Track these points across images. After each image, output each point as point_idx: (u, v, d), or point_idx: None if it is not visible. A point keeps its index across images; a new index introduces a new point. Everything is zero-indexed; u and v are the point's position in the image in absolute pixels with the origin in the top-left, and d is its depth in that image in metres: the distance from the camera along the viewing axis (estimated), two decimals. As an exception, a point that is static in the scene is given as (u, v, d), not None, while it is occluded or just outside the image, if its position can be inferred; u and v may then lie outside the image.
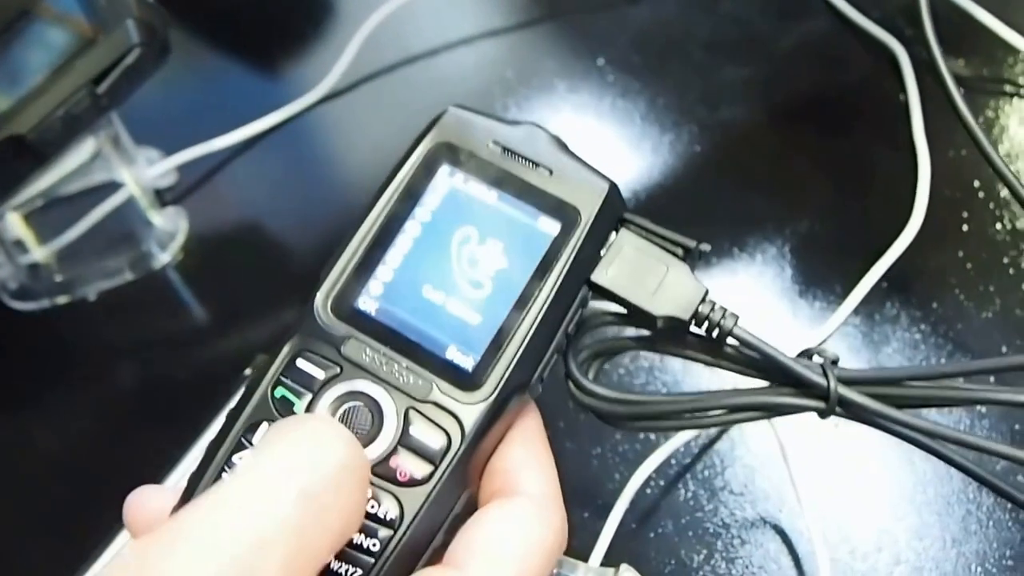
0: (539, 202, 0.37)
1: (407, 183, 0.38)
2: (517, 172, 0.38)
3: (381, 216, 0.38)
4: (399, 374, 0.35)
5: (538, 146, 0.38)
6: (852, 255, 0.64)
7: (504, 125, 0.39)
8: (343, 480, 0.30)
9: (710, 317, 0.37)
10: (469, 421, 0.35)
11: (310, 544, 0.28)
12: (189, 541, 0.27)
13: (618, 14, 0.80)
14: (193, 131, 0.73)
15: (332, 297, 0.37)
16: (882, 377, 0.38)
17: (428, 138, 0.39)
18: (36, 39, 0.62)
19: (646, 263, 0.38)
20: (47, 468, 0.63)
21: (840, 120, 0.72)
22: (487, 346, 0.36)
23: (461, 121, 0.39)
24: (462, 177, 0.38)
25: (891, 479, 0.56)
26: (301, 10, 0.84)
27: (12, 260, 0.68)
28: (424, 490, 0.34)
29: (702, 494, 0.56)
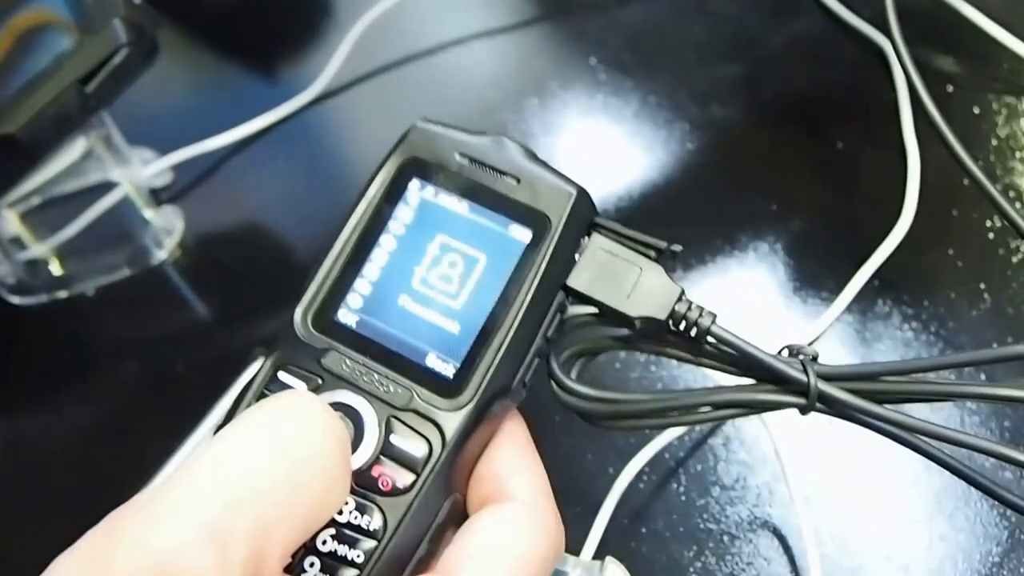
0: (509, 210, 0.38)
1: (379, 199, 0.39)
2: (485, 182, 0.38)
3: (356, 231, 0.38)
4: (379, 384, 0.36)
5: (505, 155, 0.39)
6: (844, 253, 0.64)
7: (471, 136, 0.39)
8: (323, 444, 0.30)
9: (687, 316, 0.37)
10: (450, 428, 0.35)
11: (286, 507, 0.28)
12: (162, 503, 0.27)
13: (610, 13, 0.80)
14: (189, 131, 0.74)
15: (312, 311, 0.38)
16: (861, 372, 0.38)
17: (396, 153, 0.39)
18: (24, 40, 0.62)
19: (619, 266, 0.38)
20: (44, 462, 0.63)
21: (831, 118, 0.72)
22: (466, 353, 0.36)
23: (428, 135, 0.40)
24: (432, 190, 0.39)
25: (881, 476, 0.56)
26: (296, 10, 0.85)
27: (9, 256, 0.69)
28: (407, 499, 0.34)
29: (694, 490, 0.56)
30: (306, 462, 0.29)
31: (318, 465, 0.30)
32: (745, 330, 0.39)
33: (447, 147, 0.39)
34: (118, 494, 0.53)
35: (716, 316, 0.37)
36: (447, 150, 0.39)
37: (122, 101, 0.62)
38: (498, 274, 0.37)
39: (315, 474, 0.29)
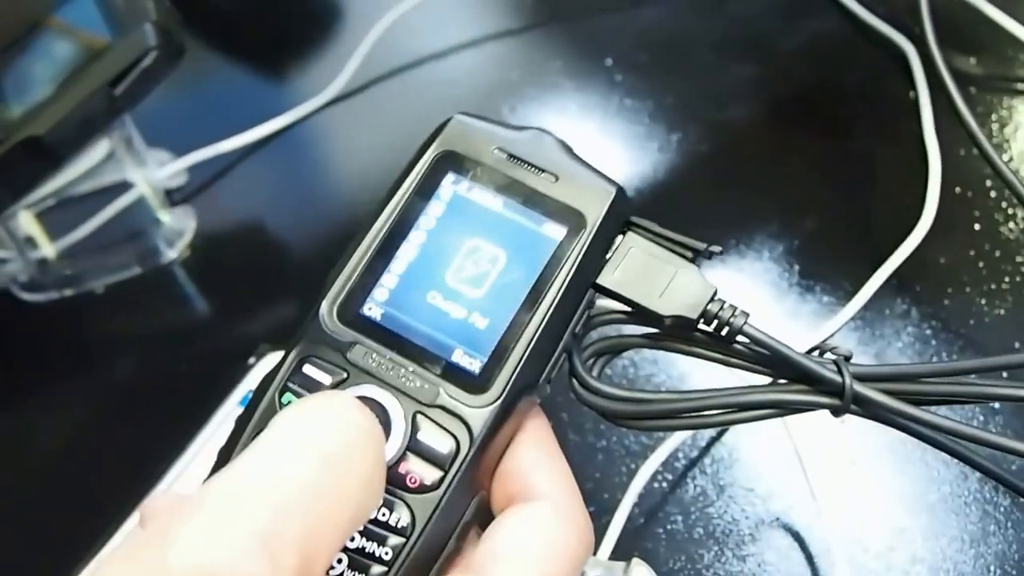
0: (544, 208, 0.37)
1: (412, 191, 0.38)
2: (522, 178, 0.38)
3: (387, 224, 0.38)
4: (405, 378, 0.35)
5: (543, 151, 0.38)
6: (861, 253, 0.64)
7: (509, 131, 0.39)
8: (360, 446, 0.30)
9: (719, 315, 0.37)
10: (477, 424, 0.35)
11: (331, 511, 0.28)
12: (211, 509, 0.27)
13: (625, 15, 0.80)
14: (203, 133, 0.74)
15: (338, 304, 0.37)
16: (898, 373, 0.37)
17: (433, 146, 0.39)
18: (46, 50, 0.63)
19: (653, 265, 0.38)
20: (53, 456, 0.63)
21: (849, 118, 0.72)
22: (493, 349, 0.36)
23: (466, 128, 0.39)
24: (467, 185, 0.38)
25: (904, 477, 0.55)
26: (309, 14, 0.85)
27: (22, 255, 0.69)
28: (435, 496, 0.34)
29: (711, 489, 0.56)
30: (348, 466, 0.29)
31: (360, 468, 0.29)
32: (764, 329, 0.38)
33: (485, 141, 0.39)
34: (125, 490, 0.54)
35: (749, 315, 0.37)
36: (485, 144, 0.38)
37: (140, 103, 0.63)
38: (528, 270, 0.37)
39: (357, 477, 0.29)
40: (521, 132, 0.39)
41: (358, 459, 0.29)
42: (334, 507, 0.28)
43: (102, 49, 0.60)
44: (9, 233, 0.68)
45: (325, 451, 0.29)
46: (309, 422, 0.30)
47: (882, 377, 0.37)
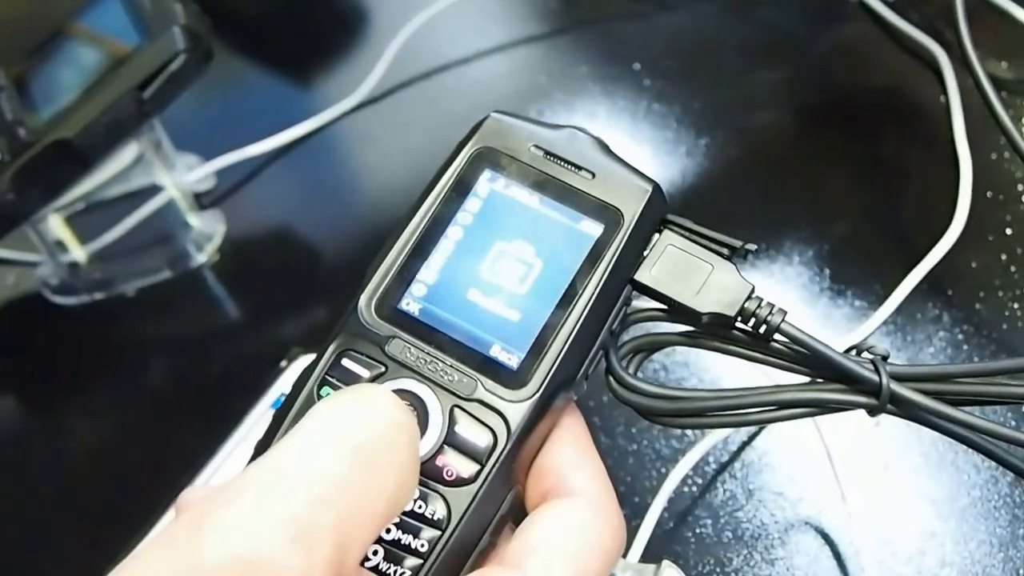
0: (581, 205, 0.38)
1: (450, 188, 0.38)
2: (559, 176, 0.38)
3: (424, 220, 0.38)
4: (443, 372, 0.35)
5: (580, 149, 0.38)
6: (892, 258, 0.63)
7: (546, 129, 0.39)
8: (395, 438, 0.30)
9: (757, 313, 0.37)
10: (515, 419, 0.35)
11: (365, 502, 0.28)
12: (247, 499, 0.27)
13: (653, 19, 0.80)
14: (231, 137, 0.74)
15: (376, 298, 0.37)
16: (934, 373, 0.37)
17: (471, 143, 0.39)
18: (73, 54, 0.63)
19: (690, 262, 0.38)
20: (85, 459, 0.64)
21: (879, 123, 0.72)
22: (531, 344, 0.36)
23: (503, 126, 0.39)
24: (504, 182, 0.38)
25: (934, 481, 0.55)
26: (336, 19, 0.85)
27: (53, 258, 0.69)
28: (471, 489, 0.34)
29: (741, 493, 0.56)
30: (383, 457, 0.29)
31: (394, 460, 0.29)
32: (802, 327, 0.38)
33: (522, 139, 0.39)
34: (156, 490, 0.54)
35: (787, 313, 0.37)
36: (522, 142, 0.39)
37: (169, 107, 0.63)
38: (566, 267, 0.37)
39: (391, 469, 0.29)
40: (557, 130, 0.39)
41: (393, 451, 0.29)
42: (368, 498, 0.28)
43: (129, 53, 0.61)
44: (40, 236, 0.68)
45: (360, 442, 0.29)
46: (344, 414, 0.30)
47: (918, 377, 0.37)
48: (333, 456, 0.28)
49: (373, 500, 0.28)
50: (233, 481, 0.27)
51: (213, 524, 0.26)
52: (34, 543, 0.60)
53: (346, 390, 0.32)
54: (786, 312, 0.37)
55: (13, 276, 0.72)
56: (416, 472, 0.31)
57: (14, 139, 0.61)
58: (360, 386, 0.34)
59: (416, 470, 0.31)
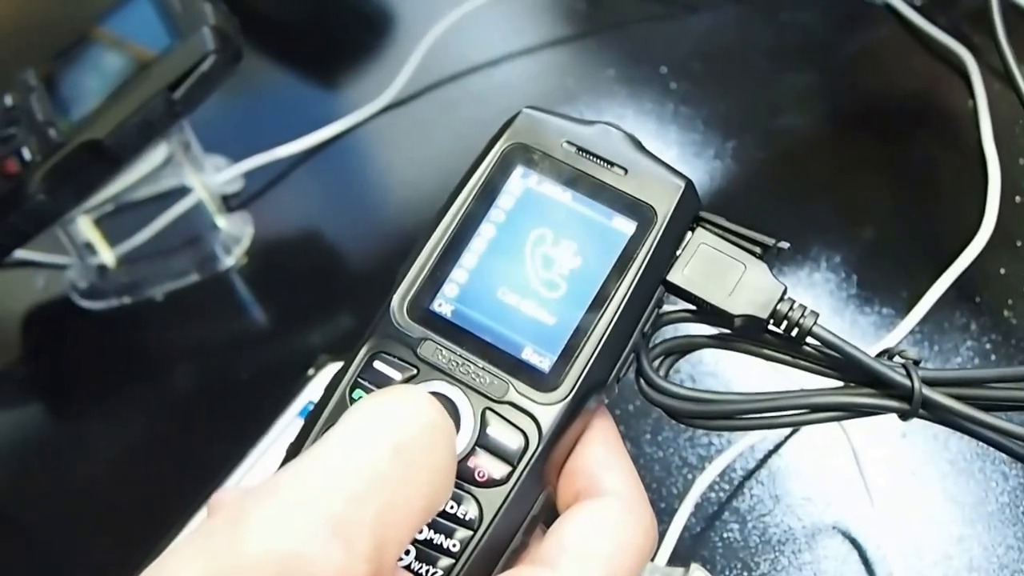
0: (614, 202, 0.37)
1: (482, 185, 0.38)
2: (591, 172, 0.38)
3: (456, 219, 0.38)
4: (475, 375, 0.35)
5: (613, 145, 0.38)
6: (919, 263, 0.63)
7: (578, 125, 0.39)
8: (432, 437, 0.30)
9: (789, 316, 0.37)
10: (546, 421, 0.35)
11: (403, 500, 0.28)
12: (286, 495, 0.27)
13: (679, 23, 0.80)
14: (259, 139, 0.74)
15: (408, 300, 0.37)
16: (965, 378, 0.37)
17: (502, 140, 0.39)
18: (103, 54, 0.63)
19: (723, 262, 0.37)
20: (113, 463, 0.64)
21: (905, 127, 0.71)
22: (563, 347, 0.36)
23: (535, 122, 0.39)
24: (536, 178, 0.38)
25: (962, 486, 0.55)
26: (364, 21, 0.86)
27: (82, 261, 0.70)
28: (503, 491, 0.34)
29: (768, 498, 0.56)
30: (420, 456, 0.29)
31: (432, 460, 0.30)
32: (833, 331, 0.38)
33: (554, 135, 0.38)
34: (184, 495, 0.54)
35: (819, 316, 0.37)
36: (554, 138, 0.38)
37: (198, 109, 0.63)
38: (599, 266, 0.36)
39: (429, 468, 0.29)
40: (590, 126, 0.39)
41: (431, 451, 0.30)
42: (407, 496, 0.28)
43: (158, 54, 0.61)
44: (69, 238, 0.69)
45: (398, 442, 0.29)
46: (382, 414, 0.30)
47: (950, 381, 0.37)
48: (373, 453, 0.28)
49: (411, 498, 0.29)
50: (272, 478, 0.28)
51: (252, 520, 0.26)
52: (62, 548, 0.61)
53: (383, 391, 0.32)
54: (818, 315, 0.37)
55: (43, 279, 0.72)
56: (453, 473, 0.31)
57: (45, 140, 0.62)
58: (398, 386, 0.34)
59: (453, 471, 0.31)
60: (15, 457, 0.66)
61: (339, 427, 0.29)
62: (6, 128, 0.63)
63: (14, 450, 0.66)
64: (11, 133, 0.63)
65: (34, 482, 0.64)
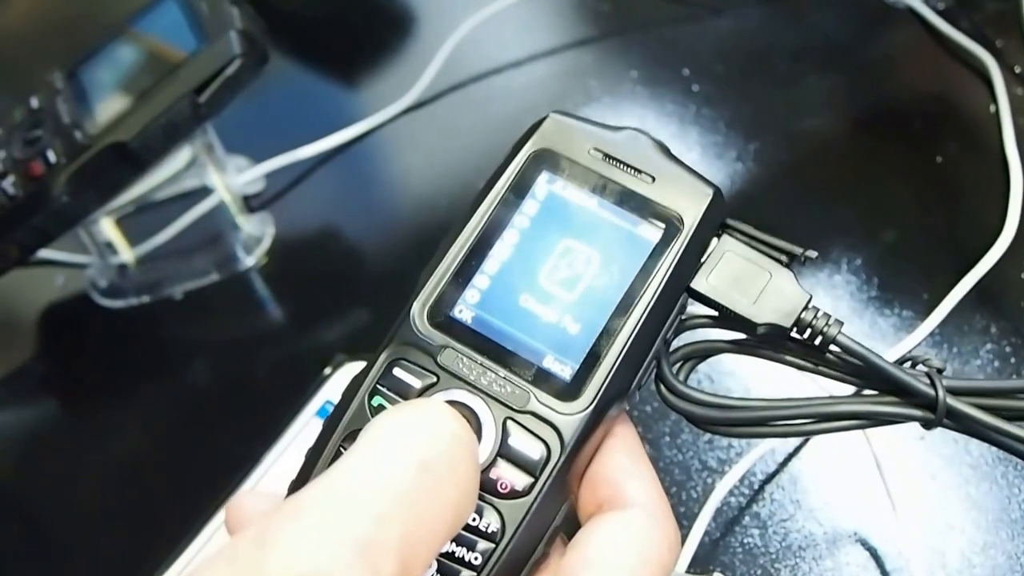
0: (640, 209, 0.37)
1: (507, 190, 0.38)
2: (618, 179, 0.37)
3: (481, 223, 0.37)
4: (496, 384, 0.35)
5: (640, 152, 0.38)
6: (940, 266, 0.63)
7: (605, 131, 0.38)
8: (456, 452, 0.29)
9: (813, 324, 0.36)
10: (568, 431, 0.34)
11: (429, 518, 0.28)
12: (311, 516, 0.27)
13: (702, 25, 0.80)
14: (281, 140, 0.75)
15: (429, 306, 0.36)
16: (991, 388, 0.37)
17: (529, 144, 0.38)
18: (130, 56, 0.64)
19: (748, 270, 0.37)
20: (133, 460, 0.64)
21: (927, 130, 0.71)
22: (585, 355, 0.35)
23: (562, 127, 0.38)
24: (562, 184, 0.38)
25: (984, 493, 0.55)
26: (386, 22, 0.86)
27: (103, 259, 0.70)
28: (525, 502, 0.34)
29: (788, 503, 0.55)
30: (445, 472, 0.29)
31: (456, 475, 0.29)
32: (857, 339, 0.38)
33: (580, 140, 0.38)
34: (203, 496, 0.54)
35: (843, 324, 0.36)
36: (580, 144, 0.38)
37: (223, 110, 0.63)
38: (622, 274, 0.36)
39: (454, 484, 0.29)
40: (617, 132, 0.38)
41: (454, 466, 0.29)
42: (432, 513, 0.28)
43: (185, 57, 0.61)
44: (90, 238, 0.69)
45: (422, 458, 0.29)
46: (405, 429, 0.30)
47: (975, 391, 0.37)
48: (396, 472, 0.28)
49: (437, 516, 0.28)
50: (296, 496, 0.27)
51: (277, 540, 0.26)
52: (80, 545, 0.61)
53: (406, 405, 0.32)
54: (842, 323, 0.36)
55: (62, 277, 0.72)
56: (477, 486, 0.31)
57: (70, 142, 0.62)
58: (420, 401, 0.34)
59: (477, 484, 0.31)
60: (34, 454, 0.66)
61: (362, 444, 0.29)
62: (32, 130, 0.63)
63: (32, 447, 0.66)
64: (37, 135, 0.63)
65: (52, 479, 0.64)
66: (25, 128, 0.64)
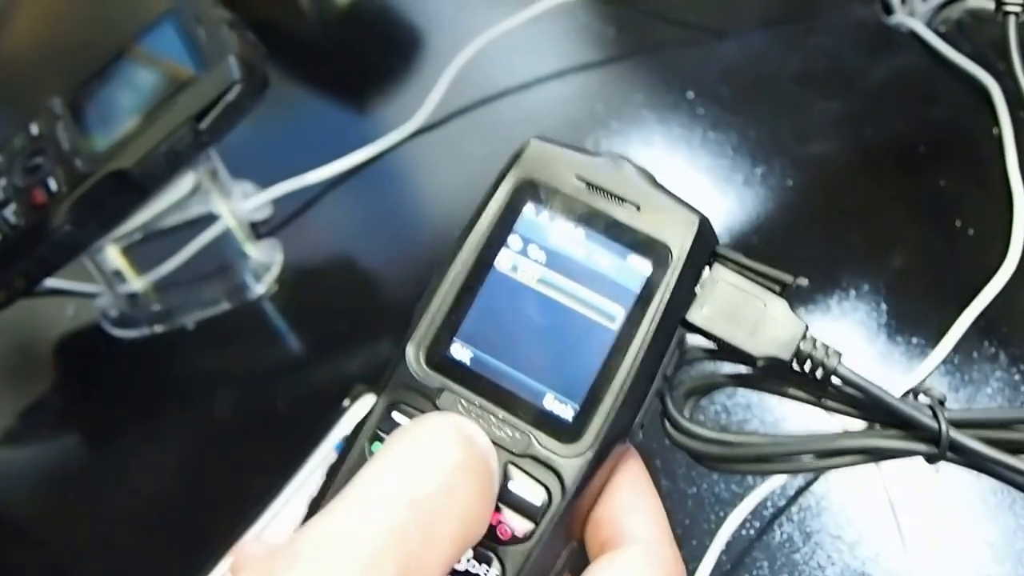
0: (628, 240, 0.36)
1: (492, 225, 0.37)
2: (603, 208, 0.36)
3: (467, 261, 0.36)
4: (496, 427, 0.34)
5: (624, 180, 0.37)
6: (948, 292, 0.63)
7: (588, 157, 0.37)
8: (458, 483, 0.29)
9: (812, 355, 0.36)
10: (570, 475, 0.34)
11: (425, 554, 0.28)
12: (305, 564, 0.26)
13: (707, 48, 0.80)
14: (288, 165, 0.74)
15: (424, 347, 0.36)
16: (994, 419, 0.36)
17: (510, 175, 0.37)
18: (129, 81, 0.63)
19: (742, 300, 0.36)
20: (146, 493, 0.64)
21: (932, 155, 0.71)
22: (585, 394, 0.34)
23: (544, 155, 0.37)
24: (547, 215, 0.36)
25: (992, 525, 0.54)
26: (392, 46, 0.85)
27: (112, 289, 0.70)
28: (526, 548, 0.33)
29: (798, 536, 0.55)
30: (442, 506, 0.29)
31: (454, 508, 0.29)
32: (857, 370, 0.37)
33: (563, 169, 0.37)
34: (217, 526, 0.54)
35: (842, 355, 0.36)
36: (563, 172, 0.37)
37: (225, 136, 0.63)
38: (617, 308, 0.35)
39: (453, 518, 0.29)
40: (600, 158, 0.37)
41: (454, 497, 0.29)
42: (429, 548, 0.28)
43: (185, 83, 0.61)
44: (97, 267, 0.68)
45: (416, 495, 0.28)
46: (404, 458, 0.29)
47: (978, 423, 0.36)
48: (390, 508, 0.28)
49: (434, 549, 0.28)
50: (291, 542, 0.27)
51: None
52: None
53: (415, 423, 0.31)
54: (841, 354, 0.36)
55: (73, 307, 0.72)
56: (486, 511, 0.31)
57: (72, 169, 0.61)
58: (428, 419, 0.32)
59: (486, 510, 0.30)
60: (46, 485, 0.66)
61: (362, 475, 0.29)
62: (32, 158, 0.63)
63: (45, 478, 0.66)
64: (37, 163, 0.63)
65: (65, 510, 0.64)
66: (26, 155, 0.64)
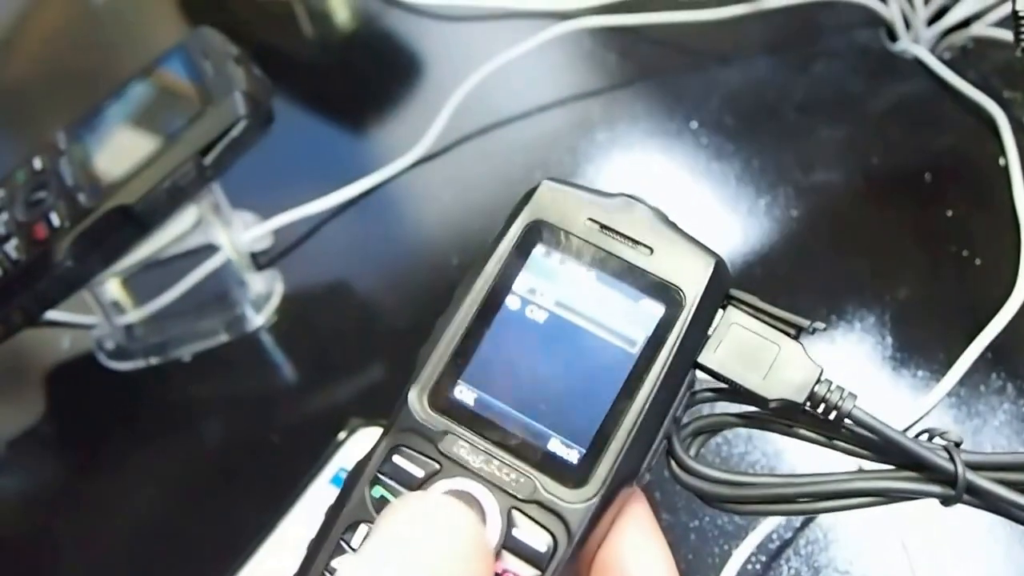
0: (640, 283, 0.35)
1: (502, 266, 0.36)
2: (616, 251, 0.36)
3: (476, 302, 0.36)
4: (500, 471, 0.34)
5: (637, 221, 0.36)
6: (954, 323, 0.62)
7: (600, 198, 0.37)
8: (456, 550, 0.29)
9: (827, 398, 0.35)
10: (575, 521, 0.33)
11: None
12: None
13: (710, 77, 0.80)
14: (288, 195, 0.74)
15: (428, 390, 0.35)
16: (1011, 463, 0.36)
17: (522, 216, 0.37)
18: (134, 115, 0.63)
19: (757, 343, 0.36)
20: (141, 525, 0.63)
21: (938, 184, 0.70)
22: (592, 438, 0.34)
23: (556, 196, 0.37)
24: (558, 258, 0.36)
25: (1004, 561, 0.54)
26: (394, 75, 0.85)
27: (109, 321, 0.69)
28: None
29: (806, 571, 0.54)
30: None
31: None
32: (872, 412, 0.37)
33: (575, 211, 0.37)
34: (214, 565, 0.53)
35: (857, 397, 0.35)
36: (575, 214, 0.37)
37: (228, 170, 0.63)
38: (627, 351, 0.35)
39: None
40: (613, 200, 0.37)
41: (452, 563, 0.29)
42: None
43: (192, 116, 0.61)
44: (96, 298, 0.68)
45: None
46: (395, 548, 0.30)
47: (995, 466, 0.36)
48: None
49: None
50: None
51: None
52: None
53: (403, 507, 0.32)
54: (856, 396, 0.36)
55: (68, 339, 0.72)
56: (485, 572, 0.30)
57: (74, 204, 0.61)
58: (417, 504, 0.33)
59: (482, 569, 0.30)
60: (40, 516, 0.65)
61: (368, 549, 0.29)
62: (35, 192, 0.63)
63: (39, 509, 0.66)
64: (40, 197, 0.62)
65: (61, 541, 0.63)
66: (28, 190, 0.63)
